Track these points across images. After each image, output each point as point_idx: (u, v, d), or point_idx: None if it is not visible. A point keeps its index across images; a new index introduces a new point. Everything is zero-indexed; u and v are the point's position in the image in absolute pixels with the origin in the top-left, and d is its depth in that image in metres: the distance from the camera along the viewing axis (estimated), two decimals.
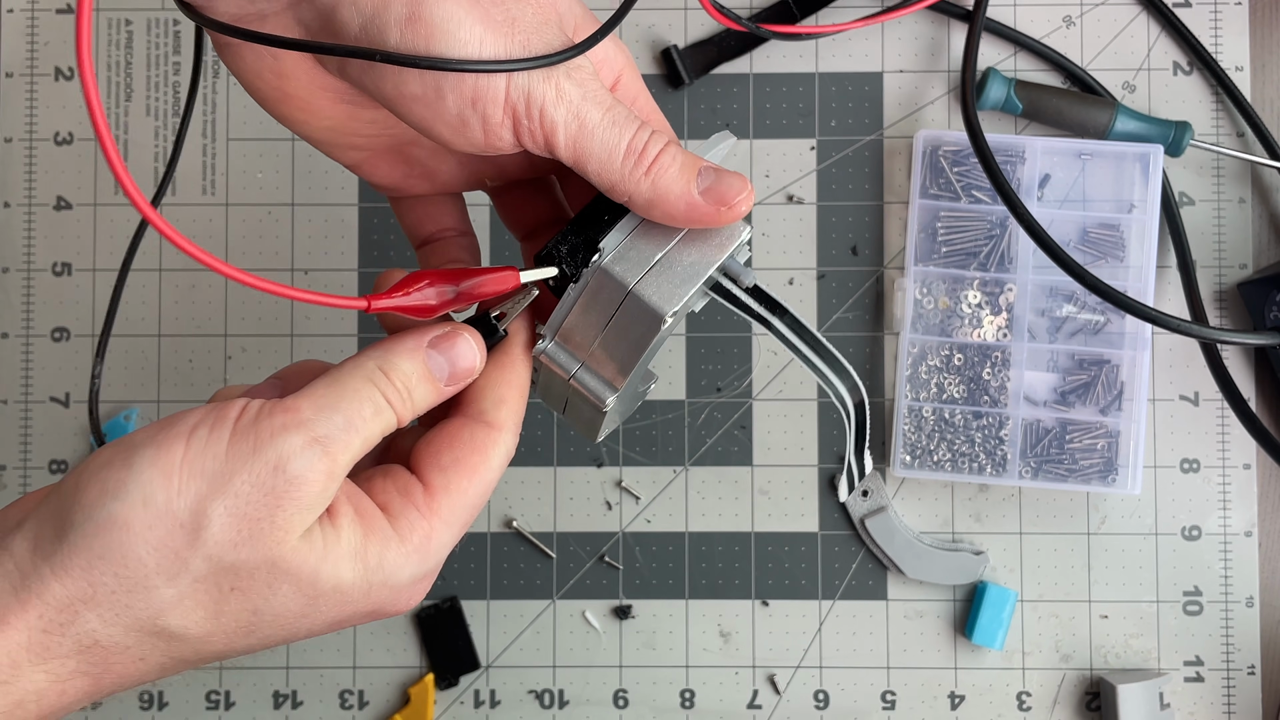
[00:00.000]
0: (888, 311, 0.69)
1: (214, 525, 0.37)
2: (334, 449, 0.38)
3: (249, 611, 0.38)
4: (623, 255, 0.43)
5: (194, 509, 0.37)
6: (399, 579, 0.40)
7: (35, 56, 0.71)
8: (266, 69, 0.42)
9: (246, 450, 0.37)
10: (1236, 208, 0.70)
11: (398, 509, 0.41)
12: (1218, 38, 0.70)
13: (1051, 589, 0.69)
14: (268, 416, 0.38)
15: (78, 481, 0.37)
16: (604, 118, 0.41)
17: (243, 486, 0.37)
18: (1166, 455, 0.69)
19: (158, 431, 0.38)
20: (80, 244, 0.71)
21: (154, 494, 0.36)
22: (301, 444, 0.37)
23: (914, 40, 0.71)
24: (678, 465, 0.70)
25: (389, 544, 0.40)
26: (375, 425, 0.40)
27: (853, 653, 0.69)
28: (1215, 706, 0.68)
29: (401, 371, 0.40)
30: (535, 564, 0.70)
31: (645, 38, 0.71)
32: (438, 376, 0.41)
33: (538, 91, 0.40)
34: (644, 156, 0.41)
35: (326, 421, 0.38)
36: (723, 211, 0.42)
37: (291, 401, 0.38)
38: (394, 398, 0.40)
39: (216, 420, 0.38)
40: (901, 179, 0.70)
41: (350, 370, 0.40)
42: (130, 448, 0.37)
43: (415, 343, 0.41)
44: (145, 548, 0.36)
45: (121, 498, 0.36)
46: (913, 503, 0.69)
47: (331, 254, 0.71)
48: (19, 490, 0.70)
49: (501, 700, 0.69)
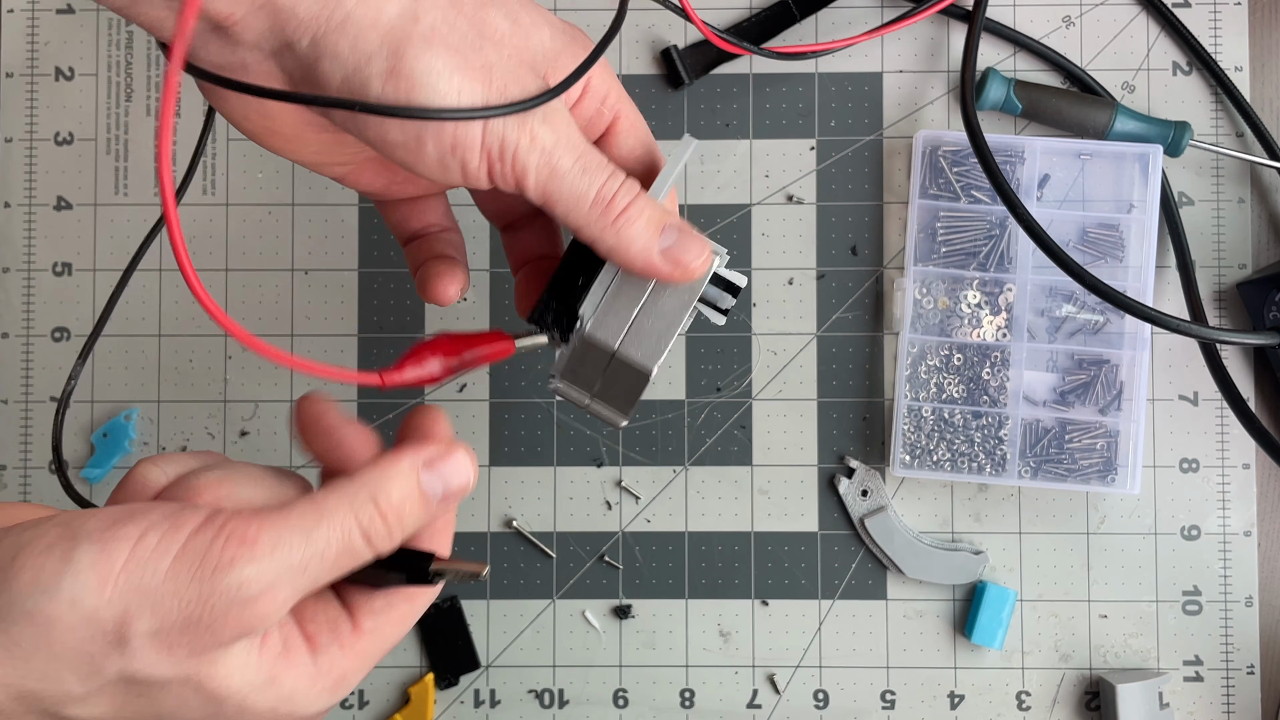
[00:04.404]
0: (887, 311, 0.69)
1: (134, 641, 0.36)
2: (278, 590, 0.37)
3: (153, 714, 0.38)
4: (602, 320, 0.45)
5: (120, 621, 0.35)
6: (305, 712, 0.40)
7: (35, 56, 0.71)
8: (253, 110, 0.43)
9: (187, 576, 0.36)
10: (1236, 208, 0.70)
11: (323, 644, 0.40)
12: (1217, 38, 0.70)
13: (1051, 589, 0.69)
14: (222, 543, 0.36)
15: (15, 557, 0.36)
16: (574, 164, 0.42)
17: (173, 612, 0.36)
18: (1166, 455, 0.69)
19: (109, 525, 0.36)
20: (80, 244, 0.71)
21: (84, 598, 0.35)
22: (245, 580, 0.36)
23: (914, 40, 0.71)
24: (678, 465, 0.70)
25: (305, 678, 0.39)
26: (341, 564, 0.38)
27: (852, 652, 0.69)
28: (1214, 706, 0.68)
29: (394, 500, 0.39)
30: (535, 564, 0.70)
31: (645, 38, 0.71)
32: (431, 496, 0.40)
33: (511, 138, 0.41)
34: (611, 206, 0.43)
35: (283, 559, 0.37)
36: (677, 273, 0.44)
37: (255, 530, 0.37)
38: (376, 532, 0.39)
39: (171, 528, 0.36)
40: (901, 179, 0.70)
41: (338, 498, 0.39)
42: (74, 538, 0.36)
43: (410, 464, 0.40)
44: (63, 647, 0.35)
45: (51, 593, 0.35)
46: (912, 502, 0.69)
47: (331, 254, 0.71)
48: (19, 490, 0.70)
49: (501, 700, 0.69)
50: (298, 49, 0.40)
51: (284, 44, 0.40)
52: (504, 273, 0.70)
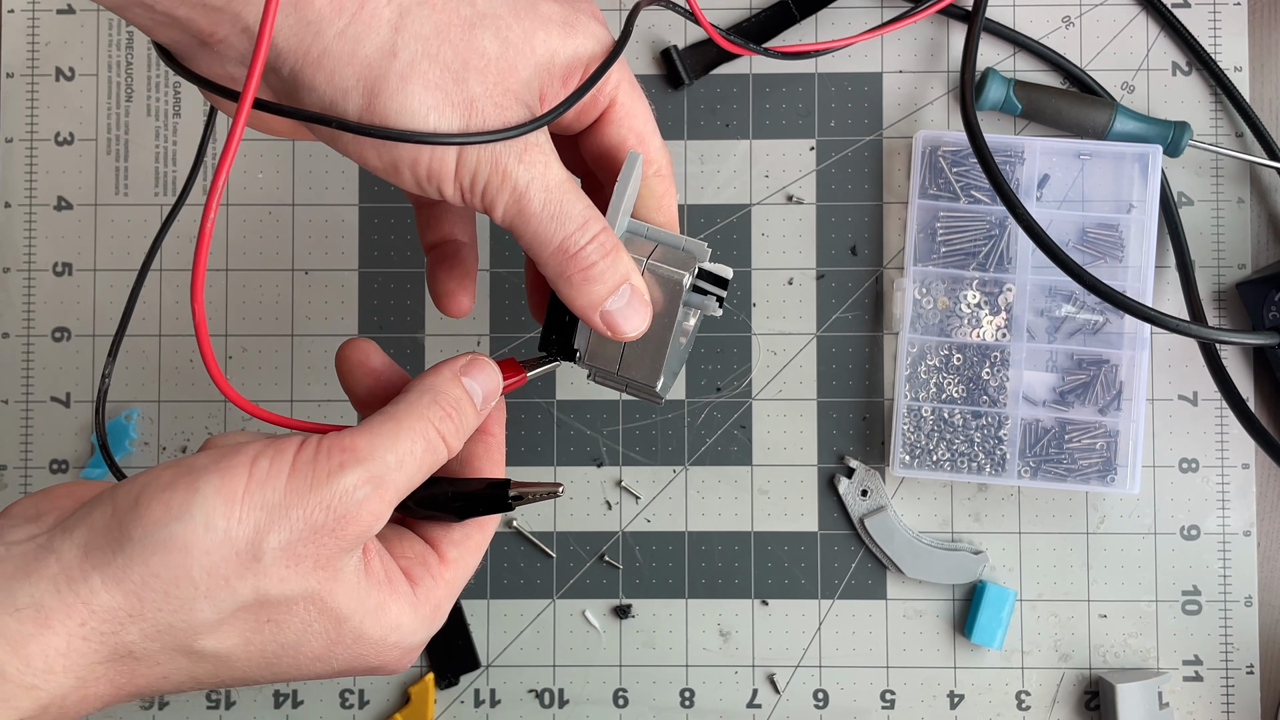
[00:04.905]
0: (887, 311, 0.69)
1: (267, 557, 0.38)
2: (384, 488, 0.40)
3: (277, 644, 0.40)
4: (595, 352, 0.49)
5: (251, 539, 0.38)
6: (411, 641, 0.43)
7: (36, 56, 0.71)
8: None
9: (304, 486, 0.38)
10: (1235, 208, 0.70)
11: (419, 576, 0.43)
12: (1217, 38, 0.70)
13: (1050, 588, 0.69)
14: (325, 454, 0.39)
15: (138, 497, 0.38)
16: (543, 209, 0.43)
17: (297, 522, 0.38)
18: (1165, 455, 0.69)
19: (221, 458, 0.39)
20: (81, 244, 0.71)
21: (216, 520, 0.37)
22: (355, 483, 0.39)
23: (913, 41, 0.71)
24: (677, 465, 0.70)
25: (408, 608, 0.42)
26: (426, 461, 0.42)
27: (852, 652, 0.69)
28: (1214, 706, 0.68)
29: (453, 397, 0.43)
30: (535, 563, 0.70)
31: (645, 38, 0.71)
32: (475, 397, 0.44)
33: (483, 172, 0.42)
34: (575, 260, 0.44)
35: (381, 460, 0.40)
36: (609, 334, 0.46)
37: (349, 440, 0.40)
38: (447, 429, 0.42)
39: (277, 453, 0.39)
40: (901, 179, 0.70)
41: (408, 405, 0.42)
42: (194, 471, 0.38)
43: (451, 371, 0.44)
44: (200, 571, 0.37)
45: (185, 520, 0.37)
46: (912, 502, 0.69)
47: (332, 254, 0.71)
48: (19, 490, 0.70)
49: (501, 700, 0.69)
50: (279, 73, 0.41)
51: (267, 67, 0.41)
52: (503, 273, 0.70)
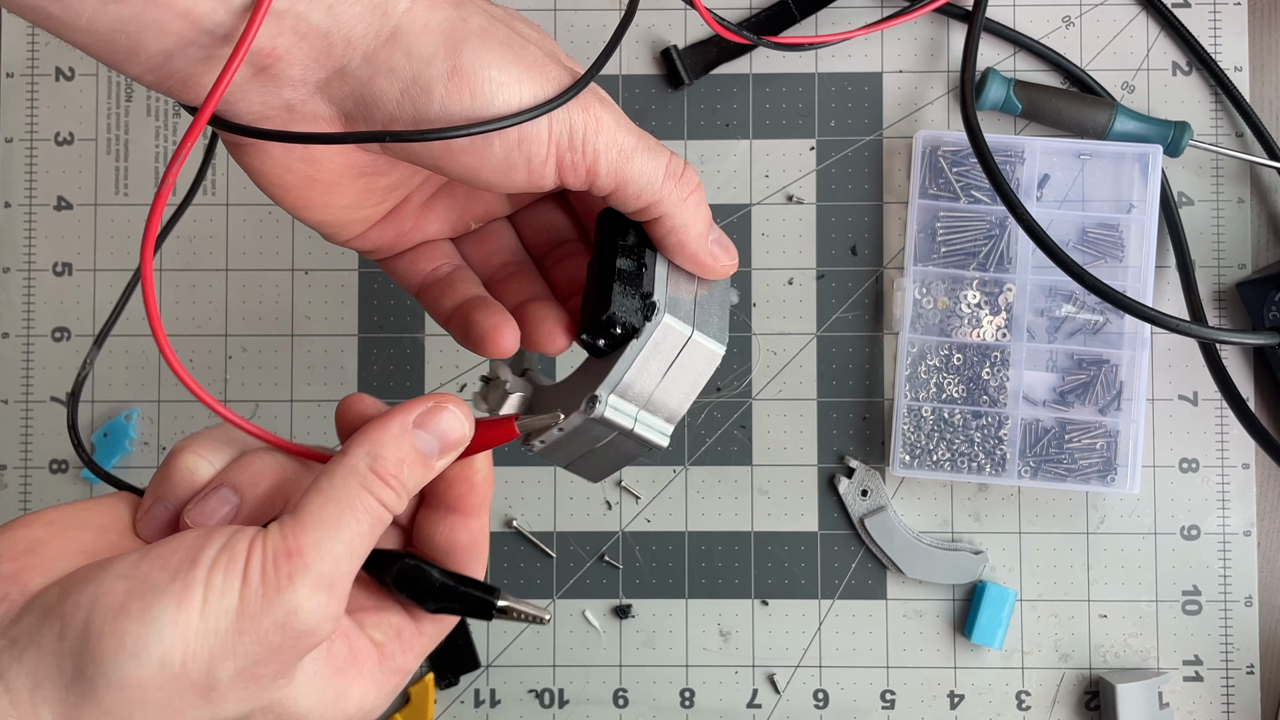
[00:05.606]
0: (887, 311, 0.69)
1: (222, 685, 0.37)
2: (337, 586, 0.38)
3: None
4: (675, 304, 0.44)
5: (207, 669, 0.36)
6: (373, 710, 0.42)
7: (35, 56, 0.71)
8: (297, 159, 0.42)
9: (256, 608, 0.37)
10: (1235, 208, 0.70)
11: (390, 650, 0.42)
12: (1217, 38, 0.70)
13: (1051, 588, 0.69)
14: (273, 564, 0.37)
15: (88, 626, 0.36)
16: (639, 142, 0.42)
17: (252, 647, 0.37)
18: (1165, 455, 0.69)
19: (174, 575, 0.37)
20: (81, 244, 0.71)
21: (172, 658, 0.36)
22: (307, 594, 0.37)
23: (913, 40, 0.71)
24: (677, 465, 0.70)
25: (371, 686, 0.41)
26: (376, 533, 0.39)
27: (852, 652, 0.69)
28: (1214, 706, 0.68)
29: (391, 462, 0.40)
30: (535, 563, 0.70)
31: (645, 38, 0.71)
32: (428, 454, 0.41)
33: (579, 125, 0.41)
34: (684, 180, 0.43)
35: (329, 555, 0.38)
36: (718, 266, 0.45)
37: (294, 540, 0.38)
38: (388, 498, 0.39)
39: (230, 560, 0.37)
40: (901, 179, 0.70)
41: (342, 479, 0.39)
42: (145, 595, 0.36)
43: (400, 426, 0.40)
44: (154, 708, 0.36)
45: (139, 658, 0.36)
46: (912, 502, 0.69)
47: (332, 253, 0.71)
48: (19, 490, 0.70)
49: (502, 699, 0.69)
50: (349, 71, 0.40)
51: (333, 71, 0.40)
52: None
